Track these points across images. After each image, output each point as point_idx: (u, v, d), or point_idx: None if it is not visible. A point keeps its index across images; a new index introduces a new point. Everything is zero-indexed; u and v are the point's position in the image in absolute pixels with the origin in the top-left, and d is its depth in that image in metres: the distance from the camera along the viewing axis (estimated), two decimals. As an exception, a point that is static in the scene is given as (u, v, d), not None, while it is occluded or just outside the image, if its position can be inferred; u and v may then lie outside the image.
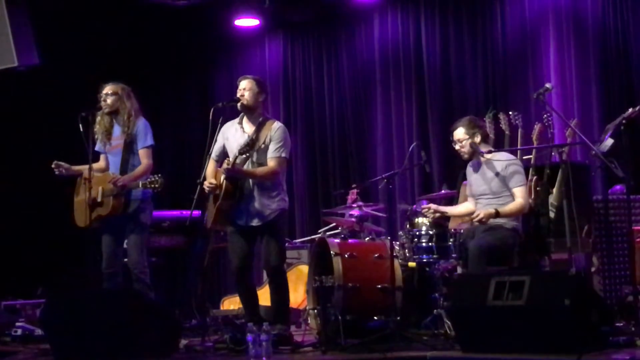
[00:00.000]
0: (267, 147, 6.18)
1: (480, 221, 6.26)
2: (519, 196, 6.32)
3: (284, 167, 6.30)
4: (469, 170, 6.61)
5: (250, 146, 6.11)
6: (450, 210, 6.80)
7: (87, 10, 9.56)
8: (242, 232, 6.25)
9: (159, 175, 6.44)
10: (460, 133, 6.46)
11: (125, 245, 6.78)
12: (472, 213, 6.44)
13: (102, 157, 6.86)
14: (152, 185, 6.43)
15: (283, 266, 6.38)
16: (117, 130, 6.74)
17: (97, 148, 6.81)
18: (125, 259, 6.73)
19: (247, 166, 6.20)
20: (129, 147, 6.65)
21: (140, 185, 6.48)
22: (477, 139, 6.42)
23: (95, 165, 6.75)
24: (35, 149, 9.15)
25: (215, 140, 6.30)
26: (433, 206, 6.63)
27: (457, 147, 6.51)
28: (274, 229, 6.21)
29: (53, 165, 6.73)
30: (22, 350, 6.59)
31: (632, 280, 5.93)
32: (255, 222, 6.20)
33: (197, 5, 9.64)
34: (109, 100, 6.70)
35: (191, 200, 6.11)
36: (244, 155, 6.14)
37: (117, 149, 6.70)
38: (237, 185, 6.19)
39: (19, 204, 9.55)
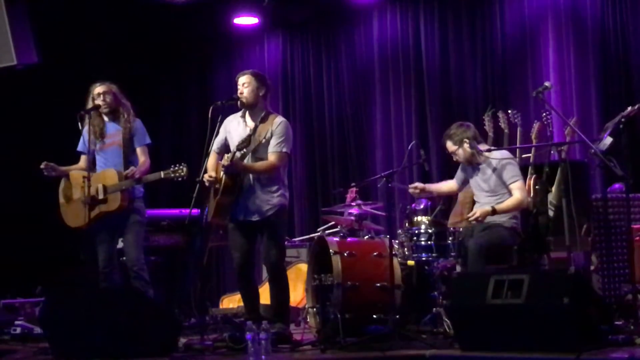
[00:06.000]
0: (268, 142, 6.15)
1: (476, 220, 6.29)
2: (516, 191, 6.36)
3: (284, 161, 6.28)
4: (465, 174, 6.72)
5: (248, 142, 6.09)
6: (436, 187, 6.97)
7: (86, 9, 9.55)
8: (242, 228, 6.25)
9: (184, 163, 6.39)
10: (449, 146, 6.61)
11: (120, 244, 6.77)
12: (454, 191, 6.84)
13: (83, 157, 6.77)
14: (177, 174, 6.36)
15: (283, 263, 6.38)
16: (110, 128, 6.69)
17: (80, 148, 6.76)
18: (122, 258, 6.72)
19: (247, 161, 6.17)
20: (129, 145, 6.63)
21: (162, 176, 6.41)
22: (466, 144, 6.47)
23: (75, 167, 6.74)
24: (34, 148, 9.13)
25: (217, 133, 6.28)
26: (420, 185, 6.76)
27: (454, 158, 6.66)
28: (273, 225, 6.21)
29: (42, 166, 6.67)
30: (21, 349, 6.57)
31: (631, 279, 5.92)
32: (254, 218, 6.19)
33: (196, 4, 9.63)
34: (107, 99, 6.66)
35: (190, 199, 6.10)
36: (241, 152, 6.11)
37: (112, 146, 6.66)
38: (236, 181, 6.17)
39: (17, 202, 9.54)
